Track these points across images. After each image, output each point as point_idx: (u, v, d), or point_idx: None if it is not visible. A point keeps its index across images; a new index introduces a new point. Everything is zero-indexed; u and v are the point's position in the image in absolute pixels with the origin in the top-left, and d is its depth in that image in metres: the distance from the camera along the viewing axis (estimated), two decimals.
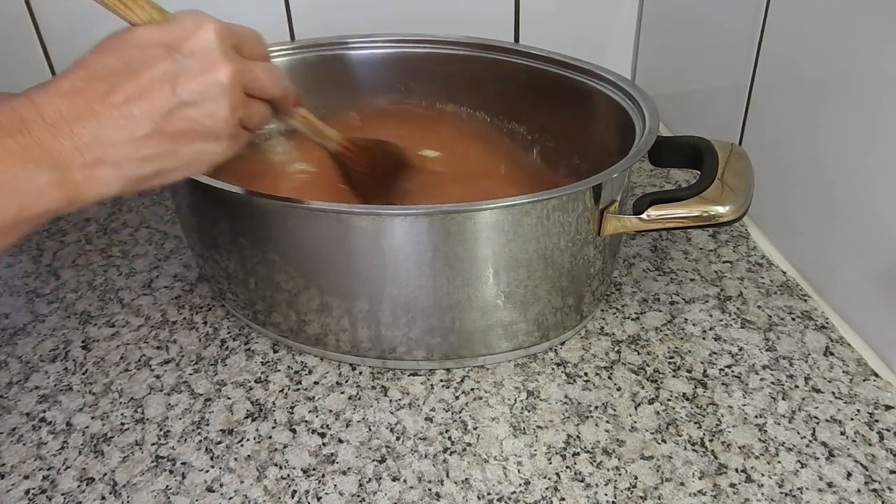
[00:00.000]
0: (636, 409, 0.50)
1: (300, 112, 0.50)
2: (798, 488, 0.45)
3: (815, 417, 0.49)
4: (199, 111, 0.38)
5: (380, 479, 0.46)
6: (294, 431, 0.50)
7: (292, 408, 0.51)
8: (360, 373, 0.54)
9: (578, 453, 0.47)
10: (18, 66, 0.78)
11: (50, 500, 0.45)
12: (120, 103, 0.37)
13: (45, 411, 0.52)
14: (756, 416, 0.50)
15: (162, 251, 0.68)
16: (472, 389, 0.52)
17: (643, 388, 0.52)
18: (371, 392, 0.52)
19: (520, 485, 0.46)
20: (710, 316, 0.58)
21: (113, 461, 0.48)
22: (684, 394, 0.52)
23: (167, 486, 0.46)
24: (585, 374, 0.53)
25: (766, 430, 0.49)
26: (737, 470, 0.46)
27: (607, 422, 0.50)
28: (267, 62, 0.43)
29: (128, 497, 0.46)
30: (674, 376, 0.53)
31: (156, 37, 0.38)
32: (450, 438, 0.49)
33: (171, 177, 0.40)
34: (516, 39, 0.87)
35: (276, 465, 0.47)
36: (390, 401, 0.52)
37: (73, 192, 0.36)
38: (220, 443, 0.49)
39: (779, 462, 0.47)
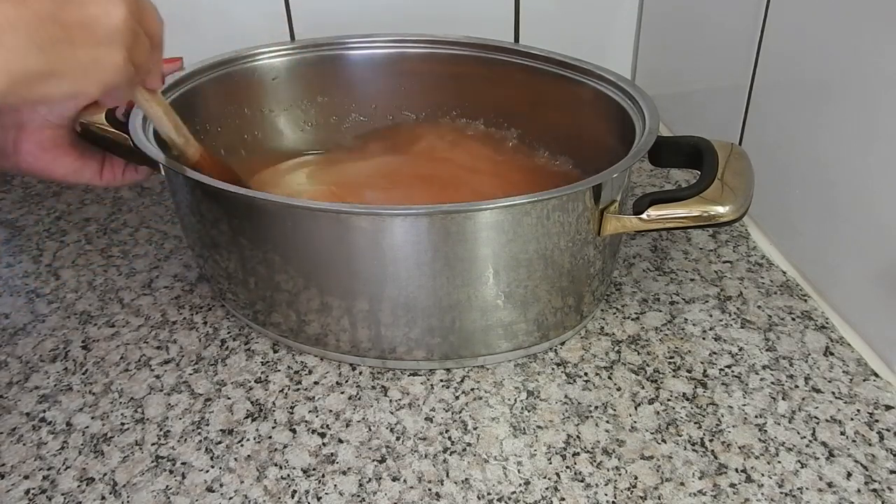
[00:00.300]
0: (636, 409, 0.50)
1: (161, 99, 0.49)
2: (798, 488, 0.45)
3: (815, 417, 0.49)
4: (96, 7, 0.37)
5: (380, 479, 0.46)
6: (294, 431, 0.50)
7: (292, 408, 0.51)
8: (360, 373, 0.54)
9: (578, 453, 0.47)
10: None
11: (50, 500, 0.45)
12: None
13: (45, 411, 0.52)
14: (756, 416, 0.50)
15: (162, 251, 0.68)
16: (472, 389, 0.52)
17: (643, 388, 0.52)
18: (371, 392, 0.52)
19: (520, 485, 0.46)
20: (710, 316, 0.58)
21: (113, 461, 0.48)
22: (684, 394, 0.52)
23: (167, 486, 0.46)
24: (585, 374, 0.53)
25: (766, 430, 0.49)
26: (737, 470, 0.46)
27: (607, 422, 0.50)
28: None
29: (128, 497, 0.46)
30: (674, 376, 0.53)
31: None
32: (450, 438, 0.49)
33: (64, 85, 0.37)
34: (516, 39, 0.87)
35: (276, 465, 0.47)
36: (390, 401, 0.52)
37: None
38: (220, 443, 0.49)
39: (779, 462, 0.47)
